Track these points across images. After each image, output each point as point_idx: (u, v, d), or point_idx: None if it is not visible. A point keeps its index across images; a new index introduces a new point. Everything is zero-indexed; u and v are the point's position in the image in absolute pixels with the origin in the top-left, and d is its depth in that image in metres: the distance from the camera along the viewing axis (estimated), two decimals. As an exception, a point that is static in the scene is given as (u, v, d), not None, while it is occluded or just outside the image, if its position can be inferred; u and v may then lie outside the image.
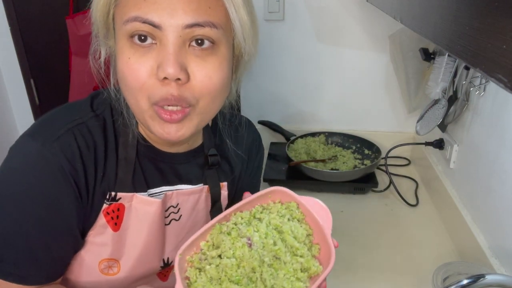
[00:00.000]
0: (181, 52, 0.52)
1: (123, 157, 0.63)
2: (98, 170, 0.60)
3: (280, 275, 0.54)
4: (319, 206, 0.60)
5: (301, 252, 0.56)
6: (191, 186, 0.70)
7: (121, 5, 0.53)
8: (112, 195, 0.62)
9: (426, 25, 0.41)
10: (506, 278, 0.64)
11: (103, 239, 0.64)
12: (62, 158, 0.56)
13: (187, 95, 0.53)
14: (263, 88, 1.54)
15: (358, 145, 1.46)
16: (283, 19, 1.41)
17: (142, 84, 0.53)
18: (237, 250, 0.54)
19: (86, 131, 0.59)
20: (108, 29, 0.58)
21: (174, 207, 0.69)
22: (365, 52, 1.43)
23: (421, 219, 1.19)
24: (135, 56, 0.52)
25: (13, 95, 1.93)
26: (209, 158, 0.71)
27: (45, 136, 0.57)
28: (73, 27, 1.69)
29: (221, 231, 0.57)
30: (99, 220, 0.62)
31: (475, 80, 1.03)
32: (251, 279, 0.53)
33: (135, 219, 0.64)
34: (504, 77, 0.24)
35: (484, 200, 0.96)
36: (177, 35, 0.51)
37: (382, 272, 0.98)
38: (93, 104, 0.63)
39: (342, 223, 1.17)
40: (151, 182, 0.66)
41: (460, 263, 0.88)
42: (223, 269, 0.53)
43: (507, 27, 0.24)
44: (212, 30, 0.52)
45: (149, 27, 0.51)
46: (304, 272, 0.55)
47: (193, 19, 0.51)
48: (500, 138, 0.90)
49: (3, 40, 1.81)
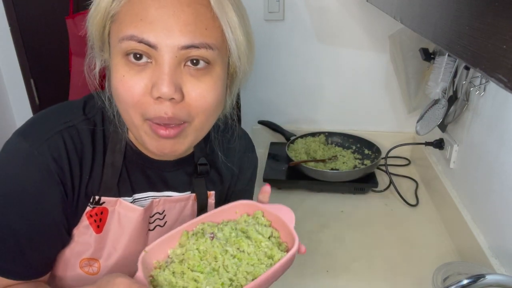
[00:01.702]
0: (176, 72, 0.52)
1: (110, 162, 0.63)
2: (84, 172, 0.61)
3: (244, 263, 0.55)
4: (284, 208, 0.63)
5: (265, 244, 0.58)
6: (178, 193, 0.71)
7: (118, 22, 0.53)
8: (96, 199, 0.63)
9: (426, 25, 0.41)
10: (506, 278, 0.64)
11: (85, 239, 0.65)
12: (50, 159, 0.57)
13: (181, 114, 0.54)
14: (263, 88, 1.54)
15: (358, 145, 1.46)
16: (283, 19, 1.41)
17: (136, 102, 0.53)
18: (201, 245, 0.57)
19: (75, 134, 0.60)
20: (103, 43, 0.58)
21: (160, 213, 0.70)
22: (365, 52, 1.43)
23: (421, 219, 1.19)
24: (129, 74, 0.52)
25: (13, 95, 1.93)
26: (198, 167, 0.71)
27: (35, 137, 0.58)
28: (73, 27, 1.69)
29: (188, 237, 0.60)
30: (83, 221, 0.63)
31: (475, 80, 1.03)
32: (214, 268, 0.55)
33: (117, 223, 0.65)
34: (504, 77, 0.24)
35: (484, 200, 0.96)
36: (173, 56, 0.51)
37: (382, 272, 0.98)
38: (85, 107, 0.64)
39: (342, 223, 1.17)
40: (137, 187, 0.67)
41: (460, 263, 0.88)
42: (186, 261, 0.56)
43: (507, 27, 0.24)
44: (207, 51, 0.53)
45: (145, 46, 0.51)
46: (269, 259, 0.57)
47: (190, 40, 0.51)
48: (500, 138, 0.90)
49: (3, 40, 1.82)
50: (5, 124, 1.93)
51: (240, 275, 0.54)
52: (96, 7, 0.55)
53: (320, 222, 1.17)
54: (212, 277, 0.54)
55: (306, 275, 0.98)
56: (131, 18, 0.51)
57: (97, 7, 0.55)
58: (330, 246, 1.07)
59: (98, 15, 0.55)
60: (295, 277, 0.97)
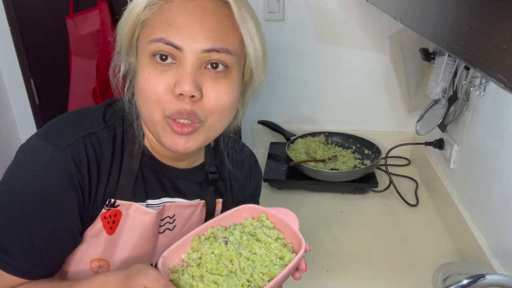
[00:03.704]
0: (197, 73, 0.58)
1: (127, 167, 0.66)
2: (102, 178, 0.64)
3: (258, 265, 0.59)
4: (286, 211, 0.67)
5: (274, 246, 0.62)
6: (188, 200, 0.74)
7: (147, 27, 0.59)
8: (111, 201, 0.65)
9: (426, 25, 0.41)
10: (506, 278, 0.64)
11: (98, 240, 0.67)
12: (71, 164, 0.60)
13: (198, 112, 0.59)
14: (263, 88, 1.54)
15: (358, 145, 1.46)
16: (283, 19, 1.41)
17: (158, 98, 0.58)
18: (215, 249, 0.61)
19: (95, 141, 0.63)
20: (131, 47, 0.63)
21: (170, 217, 0.73)
22: (365, 52, 1.43)
23: (421, 219, 1.19)
24: (155, 72, 0.58)
25: (13, 95, 1.93)
26: (209, 175, 0.75)
27: (58, 141, 0.61)
28: (73, 27, 1.69)
29: (200, 241, 0.63)
30: (96, 223, 0.66)
31: (475, 80, 1.03)
32: (231, 271, 0.58)
33: (130, 225, 0.68)
34: (504, 77, 0.24)
35: (484, 200, 0.96)
36: (196, 58, 0.57)
37: (382, 272, 0.98)
38: (106, 114, 0.67)
39: (342, 223, 1.17)
40: (150, 193, 0.70)
41: (460, 263, 0.88)
42: (204, 265, 0.59)
43: (507, 27, 0.24)
44: (227, 56, 0.58)
45: (171, 48, 0.56)
46: (281, 260, 0.61)
47: (211, 45, 0.57)
48: (500, 138, 0.90)
49: (3, 40, 1.81)
50: (5, 124, 1.92)
51: (256, 276, 0.57)
52: (128, 14, 0.60)
53: (320, 222, 1.17)
54: (231, 279, 0.57)
55: (306, 275, 0.98)
56: (160, 23, 0.57)
57: (129, 14, 0.60)
58: (330, 246, 1.07)
59: (129, 21, 0.60)
60: (295, 277, 0.97)
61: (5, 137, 1.90)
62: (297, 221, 0.65)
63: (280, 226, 0.66)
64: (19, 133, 1.99)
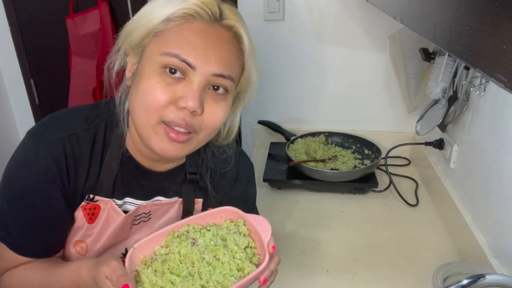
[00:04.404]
0: (202, 92, 0.63)
1: (107, 167, 0.72)
2: (80, 174, 0.70)
3: (217, 272, 0.62)
4: (262, 220, 0.70)
5: (239, 256, 0.64)
6: (166, 198, 0.79)
7: (161, 39, 0.63)
8: (90, 196, 0.72)
9: (426, 25, 0.41)
10: (506, 278, 0.64)
11: (79, 225, 0.75)
12: (50, 160, 0.67)
13: (194, 124, 0.64)
14: (263, 88, 1.54)
15: (358, 145, 1.46)
16: (283, 19, 1.41)
17: (158, 106, 0.62)
18: (182, 248, 0.64)
19: (75, 141, 0.69)
20: (134, 50, 0.67)
21: (145, 213, 0.79)
22: (365, 52, 1.43)
23: (421, 219, 1.19)
24: (162, 83, 0.62)
25: (13, 95, 1.93)
26: (188, 175, 0.79)
27: (40, 141, 0.68)
28: (73, 27, 1.70)
29: (174, 237, 0.67)
30: (78, 212, 0.73)
31: (475, 80, 1.03)
32: (190, 273, 0.62)
33: (105, 219, 0.75)
34: (504, 77, 0.24)
35: (484, 200, 0.96)
36: (205, 79, 0.63)
37: (382, 272, 0.98)
38: (91, 115, 0.72)
39: (342, 223, 1.17)
40: (129, 192, 0.75)
41: (460, 263, 0.88)
42: (168, 263, 0.63)
43: (507, 27, 0.24)
44: (230, 82, 0.65)
45: (184, 65, 0.62)
46: (240, 271, 0.63)
47: (221, 70, 0.63)
48: (500, 138, 0.90)
49: (3, 40, 1.82)
50: (5, 124, 1.93)
51: (211, 283, 0.60)
52: (145, 22, 0.64)
53: (320, 222, 1.17)
54: (187, 282, 0.60)
55: (306, 275, 0.98)
56: (178, 40, 0.62)
57: (146, 22, 0.64)
58: (330, 246, 1.07)
59: (144, 28, 0.64)
60: (295, 277, 0.97)
61: (5, 137, 1.90)
62: (269, 230, 0.67)
63: (254, 235, 0.69)
64: (19, 133, 1.99)
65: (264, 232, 0.67)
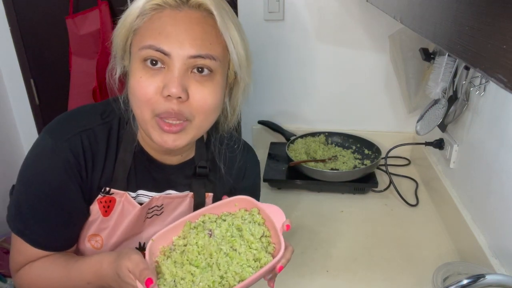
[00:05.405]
0: (184, 76, 0.64)
1: (122, 160, 0.74)
2: (97, 168, 0.73)
3: (234, 263, 0.63)
4: (275, 209, 0.71)
5: (255, 246, 0.66)
6: (178, 192, 0.81)
7: (139, 35, 0.65)
8: (107, 189, 0.75)
9: (426, 25, 0.41)
10: (506, 278, 0.64)
11: (94, 218, 0.76)
12: (69, 154, 0.69)
13: (185, 111, 0.65)
14: (263, 88, 1.54)
15: (358, 145, 1.46)
16: (283, 19, 1.41)
17: (148, 99, 0.64)
18: (200, 240, 0.66)
19: (92, 136, 0.72)
20: (124, 52, 0.70)
21: (158, 206, 0.80)
22: (365, 52, 1.43)
23: (421, 219, 1.19)
24: (145, 76, 0.64)
25: (13, 95, 1.93)
26: (197, 169, 0.81)
27: (58, 135, 0.70)
28: (73, 27, 1.69)
29: (190, 227, 0.69)
30: (93, 205, 0.75)
31: (475, 80, 1.03)
32: (209, 264, 0.64)
33: (120, 212, 0.77)
34: (504, 77, 0.24)
35: (484, 200, 0.96)
36: (182, 63, 0.63)
37: (382, 272, 0.98)
38: (105, 111, 0.75)
39: (342, 223, 1.17)
40: (141, 185, 0.78)
41: (460, 263, 0.88)
42: (186, 254, 0.65)
43: (507, 27, 0.24)
44: (211, 61, 0.65)
45: (160, 54, 0.63)
46: (256, 262, 0.65)
47: (197, 51, 0.63)
48: (500, 138, 0.90)
49: (3, 40, 1.81)
50: (5, 124, 1.92)
51: (229, 274, 0.62)
52: (123, 22, 0.67)
53: (320, 222, 1.17)
54: (206, 273, 0.62)
55: (306, 275, 0.98)
56: (151, 32, 0.63)
57: (123, 22, 0.67)
58: (330, 246, 1.07)
59: (124, 29, 0.67)
60: (295, 277, 0.97)
61: (5, 137, 1.90)
62: (283, 217, 0.69)
63: (268, 223, 0.70)
64: (19, 133, 1.99)
65: (278, 221, 0.68)
